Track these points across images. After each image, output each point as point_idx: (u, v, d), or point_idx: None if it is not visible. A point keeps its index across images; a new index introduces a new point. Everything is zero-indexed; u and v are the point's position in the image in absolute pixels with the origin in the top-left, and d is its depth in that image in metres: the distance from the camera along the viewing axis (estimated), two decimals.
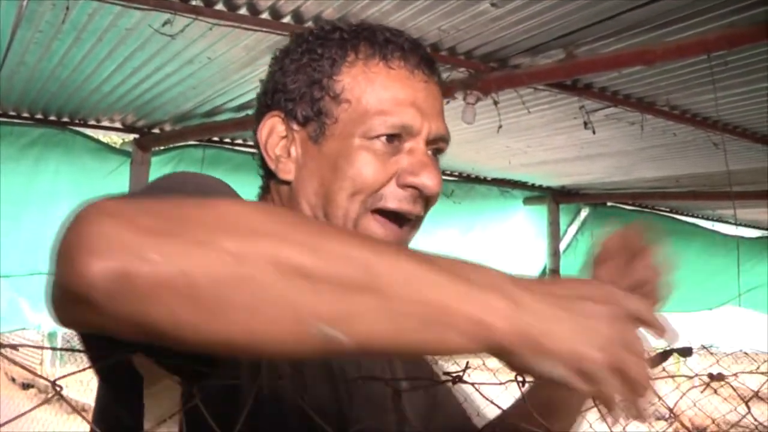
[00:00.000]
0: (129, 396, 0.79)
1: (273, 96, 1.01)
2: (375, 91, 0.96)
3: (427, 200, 0.98)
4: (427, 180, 0.95)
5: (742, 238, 6.57)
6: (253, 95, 3.57)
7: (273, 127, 1.00)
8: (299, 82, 0.99)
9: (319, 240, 0.61)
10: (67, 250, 0.59)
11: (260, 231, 0.60)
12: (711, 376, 1.04)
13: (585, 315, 0.64)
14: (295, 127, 0.99)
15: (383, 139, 0.95)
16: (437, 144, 1.00)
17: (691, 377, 1.11)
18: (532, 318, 0.62)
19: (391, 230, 0.97)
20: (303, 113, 0.98)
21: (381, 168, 0.95)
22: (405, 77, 0.97)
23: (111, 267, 0.56)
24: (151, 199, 0.64)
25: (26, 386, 10.87)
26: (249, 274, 0.58)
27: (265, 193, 1.05)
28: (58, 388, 0.68)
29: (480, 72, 3.06)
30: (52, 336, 10.00)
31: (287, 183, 1.00)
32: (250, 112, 3.76)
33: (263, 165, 1.03)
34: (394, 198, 0.96)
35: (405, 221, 0.98)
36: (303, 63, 0.99)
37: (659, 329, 0.67)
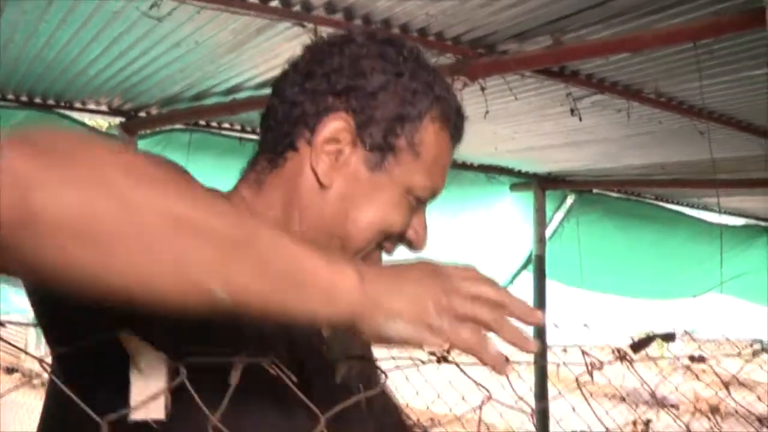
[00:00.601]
0: (114, 375, 0.79)
1: (350, 93, 0.97)
2: (438, 155, 1.01)
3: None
4: (424, 244, 1.03)
5: (727, 226, 6.62)
6: (240, 80, 3.59)
7: (340, 131, 0.96)
8: (385, 105, 0.97)
9: (208, 198, 0.67)
10: None
11: (157, 181, 0.64)
12: (692, 358, 1.05)
13: (412, 280, 0.74)
14: (358, 143, 0.97)
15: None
16: None
17: (675, 358, 1.12)
18: (377, 287, 0.72)
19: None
20: (373, 140, 0.97)
21: (406, 220, 1.00)
22: (451, 147, 1.05)
23: (16, 198, 0.58)
24: (58, 134, 0.65)
25: (10, 371, 10.86)
26: (144, 221, 0.61)
27: (265, 165, 1.02)
28: (45, 365, 0.69)
29: (467, 58, 3.05)
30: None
31: (321, 184, 0.97)
32: (237, 96, 3.74)
33: (284, 141, 0.99)
34: (392, 243, 1.03)
35: None
36: (396, 87, 0.98)
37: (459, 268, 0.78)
